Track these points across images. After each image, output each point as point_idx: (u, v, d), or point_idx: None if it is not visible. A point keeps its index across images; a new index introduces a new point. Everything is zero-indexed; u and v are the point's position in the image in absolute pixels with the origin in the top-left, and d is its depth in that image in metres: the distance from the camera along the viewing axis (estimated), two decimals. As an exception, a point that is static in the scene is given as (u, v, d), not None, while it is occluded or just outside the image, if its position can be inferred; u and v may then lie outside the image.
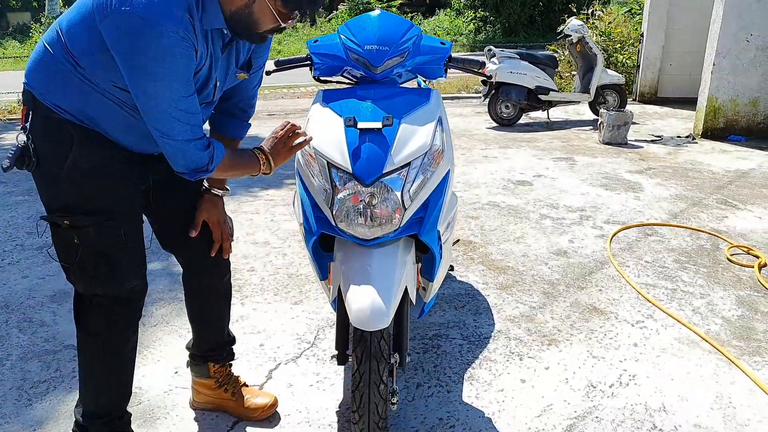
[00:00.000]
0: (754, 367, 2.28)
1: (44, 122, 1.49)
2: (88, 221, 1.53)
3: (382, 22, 1.95)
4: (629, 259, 3.30)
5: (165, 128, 1.42)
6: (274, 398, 2.04)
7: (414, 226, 1.77)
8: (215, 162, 1.53)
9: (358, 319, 1.59)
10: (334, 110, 1.84)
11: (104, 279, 1.58)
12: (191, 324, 1.99)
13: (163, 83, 1.37)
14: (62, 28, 1.46)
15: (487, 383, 2.20)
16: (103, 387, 1.68)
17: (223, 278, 1.92)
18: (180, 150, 1.46)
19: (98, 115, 1.49)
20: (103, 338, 1.64)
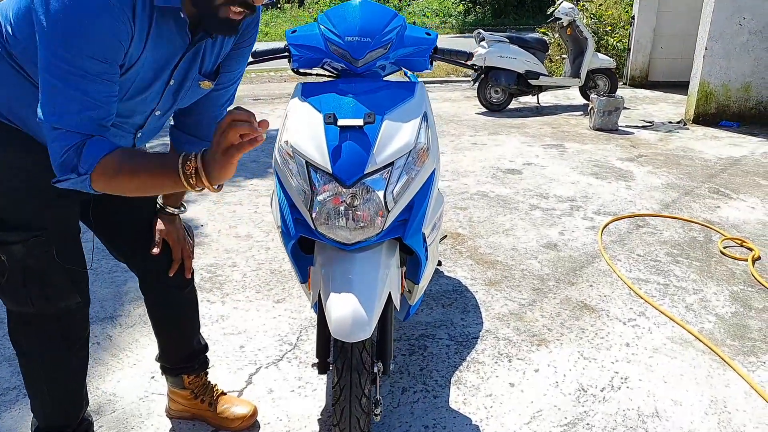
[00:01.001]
0: (749, 369, 2.23)
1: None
2: (15, 237, 1.37)
3: (364, 11, 1.83)
4: (620, 253, 3.23)
5: (47, 104, 1.16)
6: (254, 407, 1.96)
7: (398, 230, 1.68)
8: (85, 163, 1.18)
9: (339, 330, 1.49)
10: (314, 105, 1.73)
11: (35, 298, 1.43)
12: (156, 337, 1.87)
13: (68, 49, 1.13)
14: (1, 15, 1.28)
15: (475, 387, 2.13)
16: (50, 404, 1.58)
17: (184, 290, 1.79)
18: (54, 142, 1.19)
19: (27, 111, 1.30)
20: (38, 356, 1.52)
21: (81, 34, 1.12)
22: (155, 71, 1.33)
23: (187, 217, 3.79)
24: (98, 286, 2.84)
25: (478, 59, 6.76)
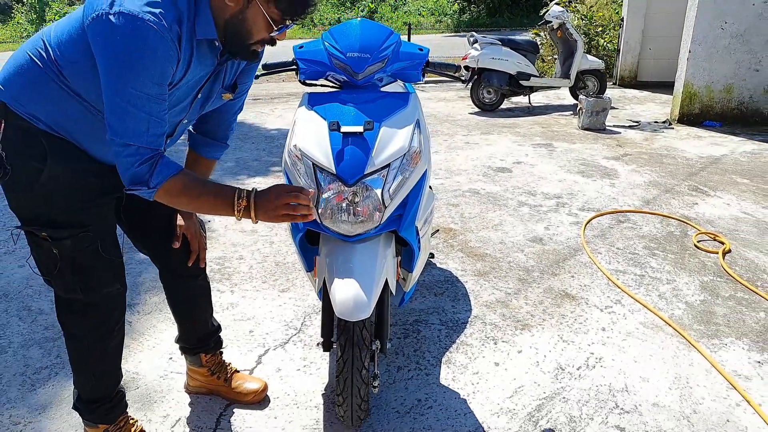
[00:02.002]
0: (712, 350, 2.46)
1: (18, 133, 1.51)
2: (65, 233, 1.57)
3: (364, 30, 2.05)
4: (602, 246, 3.46)
5: (116, 124, 1.39)
6: (265, 383, 2.18)
7: (394, 223, 1.90)
8: (156, 178, 1.44)
9: (342, 310, 1.72)
10: (319, 114, 1.95)
11: (82, 287, 1.63)
12: (176, 320, 2.09)
13: (136, 80, 1.36)
14: (49, 39, 1.49)
15: (463, 366, 2.36)
16: (93, 379, 1.79)
17: (198, 278, 2.00)
18: (126, 155, 1.42)
19: (74, 125, 1.52)
20: (85, 338, 1.72)
21: (143, 63, 1.35)
22: (190, 88, 1.56)
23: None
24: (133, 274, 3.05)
25: (471, 61, 6.99)
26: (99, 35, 1.35)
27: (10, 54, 1.60)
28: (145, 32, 1.33)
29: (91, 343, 1.73)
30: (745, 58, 6.31)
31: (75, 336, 1.73)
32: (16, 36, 20.16)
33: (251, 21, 1.48)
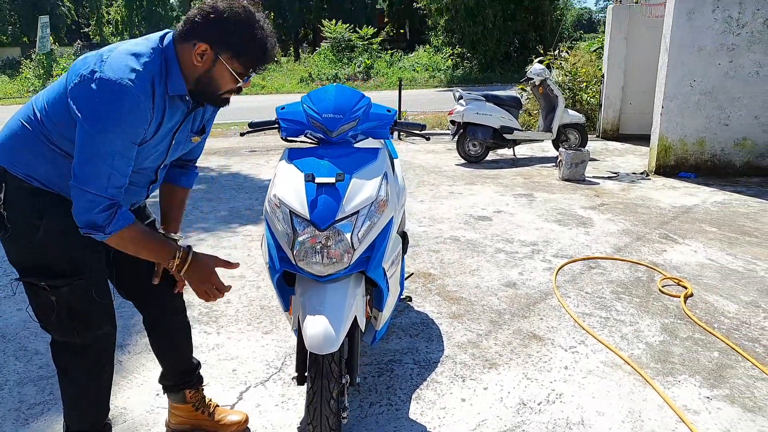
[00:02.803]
0: (666, 386, 2.62)
1: (17, 192, 1.68)
2: (62, 282, 1.72)
3: (338, 94, 2.31)
4: (571, 291, 3.65)
5: (83, 173, 1.57)
6: (246, 416, 2.33)
7: (362, 264, 2.11)
8: (113, 226, 1.62)
9: (312, 344, 1.90)
10: (297, 167, 2.18)
11: (78, 330, 1.79)
12: (160, 361, 2.23)
13: (108, 135, 1.55)
14: (37, 106, 1.71)
15: (432, 402, 2.52)
16: (85, 413, 1.93)
17: (179, 315, 2.17)
18: (82, 200, 1.59)
19: (66, 181, 1.66)
20: (80, 376, 1.87)
21: (116, 123, 1.57)
22: (165, 136, 1.79)
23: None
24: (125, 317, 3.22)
25: (457, 116, 7.34)
26: (80, 97, 1.57)
27: (17, 108, 1.81)
28: (121, 96, 1.55)
29: (85, 381, 1.89)
30: (714, 114, 6.65)
31: (70, 374, 1.88)
32: (23, 90, 20.74)
33: (219, 76, 1.72)
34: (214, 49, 1.67)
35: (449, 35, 23.30)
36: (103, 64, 1.58)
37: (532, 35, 22.93)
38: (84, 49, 29.47)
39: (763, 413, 2.42)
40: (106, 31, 41.10)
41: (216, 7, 1.65)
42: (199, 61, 1.68)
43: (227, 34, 1.66)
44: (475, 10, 21.78)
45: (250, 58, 1.71)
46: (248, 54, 1.70)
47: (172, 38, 1.71)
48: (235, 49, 1.68)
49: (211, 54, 1.68)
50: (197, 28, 1.67)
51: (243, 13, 1.67)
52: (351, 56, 24.29)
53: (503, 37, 22.78)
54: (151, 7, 38.28)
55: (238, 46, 1.68)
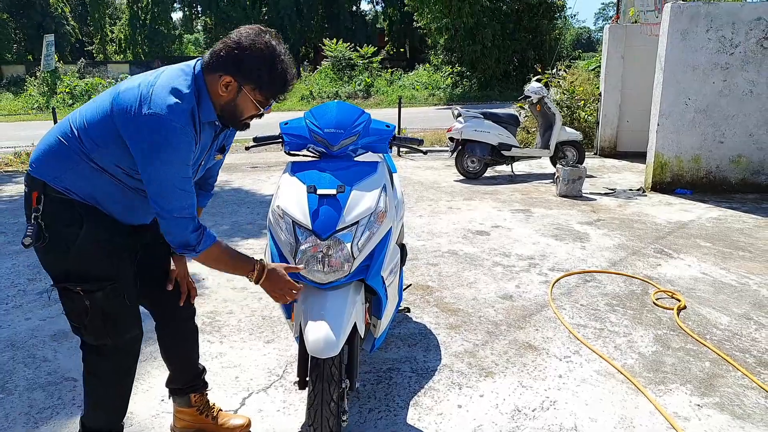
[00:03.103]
0: (657, 394, 2.69)
1: (56, 205, 1.82)
2: (97, 286, 1.84)
3: (339, 110, 2.42)
4: (566, 303, 3.73)
5: (166, 205, 1.78)
6: (248, 419, 2.41)
7: (362, 272, 2.19)
8: (203, 245, 1.85)
9: (313, 348, 1.98)
10: (300, 179, 2.28)
11: (111, 332, 1.91)
12: (168, 365, 2.33)
13: (171, 167, 1.75)
14: (76, 123, 1.84)
15: (429, 408, 2.59)
16: (106, 412, 2.04)
17: (188, 321, 2.29)
18: (175, 227, 1.80)
19: (103, 196, 1.86)
20: (107, 378, 1.99)
21: (175, 155, 1.74)
22: (199, 157, 1.94)
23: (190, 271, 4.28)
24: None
25: (456, 133, 7.47)
26: (133, 131, 1.73)
27: (22, 125, 1.93)
28: (172, 130, 1.72)
29: (113, 382, 2.00)
30: (709, 131, 6.77)
31: (98, 375, 1.98)
32: (27, 107, 20.95)
33: (242, 105, 1.88)
34: (237, 81, 1.81)
35: (449, 54, 23.56)
36: (150, 101, 1.73)
37: (531, 54, 23.20)
38: (88, 67, 29.82)
39: (752, 420, 2.49)
40: (109, 49, 41.50)
41: (240, 42, 1.79)
42: (224, 91, 1.82)
43: (250, 68, 1.80)
44: (475, 29, 22.06)
45: (271, 89, 1.85)
46: (269, 86, 1.84)
47: (201, 67, 1.86)
48: (257, 82, 1.82)
49: (235, 85, 1.82)
50: (222, 61, 1.80)
51: (265, 48, 1.80)
52: (351, 75, 24.54)
53: (502, 56, 23.05)
54: (154, 26, 38.69)
55: (260, 80, 1.82)
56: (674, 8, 6.60)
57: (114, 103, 1.78)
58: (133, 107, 1.73)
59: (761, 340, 3.21)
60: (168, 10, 39.62)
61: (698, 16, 6.56)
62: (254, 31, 1.82)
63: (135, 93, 1.76)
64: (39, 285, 4.01)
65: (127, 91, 1.79)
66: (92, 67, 31.52)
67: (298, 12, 36.89)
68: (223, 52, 1.80)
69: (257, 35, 1.81)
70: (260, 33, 1.82)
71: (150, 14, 38.38)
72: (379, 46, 33.13)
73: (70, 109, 19.75)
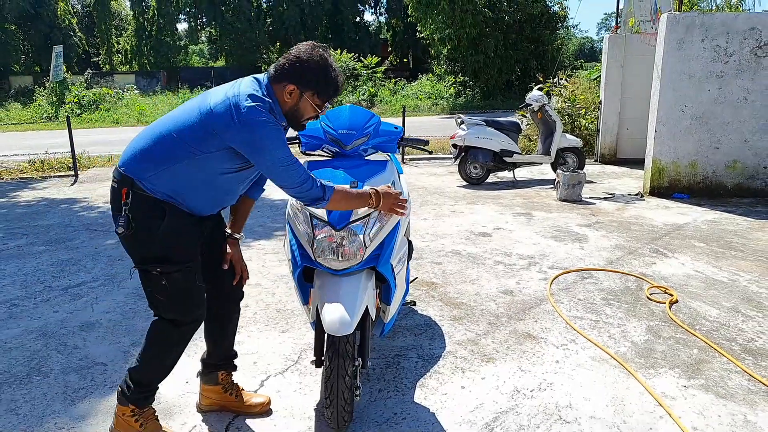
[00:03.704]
0: (647, 377, 2.89)
1: (142, 200, 2.11)
2: (175, 268, 2.15)
3: (352, 113, 2.65)
4: (564, 298, 3.93)
5: (288, 180, 2.10)
6: (269, 398, 2.62)
7: (373, 260, 2.41)
8: (328, 195, 2.16)
9: (330, 327, 2.19)
10: (316, 176, 2.49)
11: (183, 308, 2.22)
12: (209, 342, 2.56)
13: (278, 151, 2.05)
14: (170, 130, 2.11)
15: (434, 389, 2.79)
16: (154, 371, 2.30)
17: (238, 303, 2.56)
18: (300, 192, 2.12)
19: (189, 192, 2.15)
20: (171, 345, 2.27)
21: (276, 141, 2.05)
22: None
23: (206, 269, 4.51)
24: (144, 318, 3.52)
25: (459, 140, 7.69)
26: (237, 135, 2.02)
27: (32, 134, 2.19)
28: (265, 124, 2.04)
29: (172, 350, 2.29)
30: (705, 137, 6.97)
31: (164, 342, 2.27)
32: (36, 117, 21.29)
33: (303, 108, 2.21)
34: (300, 89, 2.15)
35: (452, 64, 23.86)
36: (241, 108, 2.02)
37: (534, 64, 23.48)
38: (95, 77, 30.22)
39: (735, 399, 2.68)
40: (115, 60, 42.01)
41: (300, 56, 2.14)
42: (288, 98, 2.16)
43: (309, 77, 2.14)
44: (477, 39, 22.36)
45: (327, 94, 2.19)
46: (326, 91, 2.18)
47: (268, 79, 2.17)
48: (316, 89, 2.16)
49: (297, 92, 2.15)
50: (286, 72, 2.14)
51: (320, 59, 2.15)
52: (355, 84, 24.86)
53: (505, 66, 23.33)
54: (160, 37, 39.15)
55: (318, 86, 2.16)
56: (670, 18, 6.83)
57: (209, 117, 2.06)
58: (232, 116, 2.02)
59: (747, 330, 3.40)
60: (173, 21, 40.09)
61: (694, 26, 6.79)
62: (310, 46, 2.17)
63: (226, 105, 2.05)
64: (63, 282, 4.23)
65: (219, 105, 2.06)
66: (99, 77, 32.00)
67: (303, 23, 37.36)
68: (286, 65, 2.14)
69: (313, 49, 2.16)
70: (315, 47, 2.17)
71: (155, 25, 38.86)
72: (383, 56, 33.52)
73: (80, 118, 20.09)
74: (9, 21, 34.50)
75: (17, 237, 5.60)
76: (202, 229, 2.28)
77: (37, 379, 2.88)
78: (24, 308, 3.78)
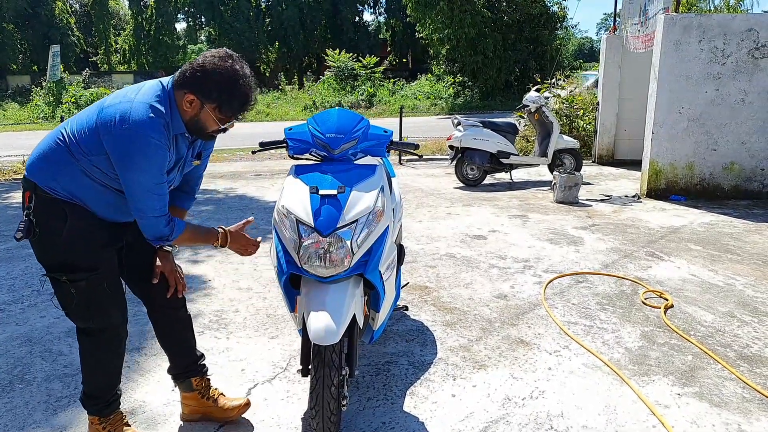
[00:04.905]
0: (641, 384, 2.84)
1: (44, 203, 2.04)
2: (81, 276, 2.07)
3: (340, 116, 2.60)
4: (559, 302, 3.88)
5: (142, 206, 2.02)
6: (247, 400, 2.57)
7: (361, 267, 2.36)
8: (175, 234, 2.11)
9: (316, 336, 2.14)
10: (303, 180, 2.45)
11: (94, 317, 2.16)
12: (165, 351, 2.51)
13: (146, 174, 1.97)
14: (69, 131, 2.06)
15: (425, 397, 2.74)
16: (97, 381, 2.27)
17: (179, 310, 2.46)
18: (150, 224, 2.06)
19: (87, 195, 2.06)
20: (95, 354, 2.23)
21: (150, 164, 1.97)
22: (176, 163, 2.16)
23: (196, 273, 4.46)
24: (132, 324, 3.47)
25: (455, 141, 7.65)
26: (112, 143, 1.97)
27: (28, 134, 2.16)
28: (146, 143, 1.95)
29: (99, 358, 2.24)
30: (702, 139, 6.93)
31: (88, 352, 2.23)
32: (33, 117, 21.21)
33: (204, 120, 2.11)
34: (200, 99, 2.03)
35: (450, 64, 23.78)
36: (128, 117, 1.95)
37: (532, 64, 23.41)
38: (92, 77, 30.15)
39: (729, 408, 2.64)
40: (114, 59, 41.85)
41: (204, 65, 2.02)
42: (188, 107, 2.05)
43: (211, 89, 2.02)
44: (476, 40, 22.28)
45: (230, 109, 2.08)
46: (229, 107, 2.06)
47: (172, 84, 2.07)
48: (218, 102, 2.04)
49: (198, 103, 2.04)
50: (187, 80, 2.03)
51: (227, 72, 2.01)
52: (354, 84, 24.79)
53: (504, 66, 23.25)
54: (158, 37, 39.02)
55: (220, 100, 2.04)
56: (667, 20, 6.79)
57: (99, 117, 2.01)
58: (114, 121, 1.95)
59: (743, 336, 3.36)
60: (172, 21, 39.94)
61: (691, 28, 6.74)
62: (219, 55, 2.04)
63: (116, 108, 1.99)
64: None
65: (110, 107, 2.01)
66: (97, 77, 31.91)
67: (302, 23, 37.26)
68: (188, 72, 2.03)
69: (221, 59, 2.03)
70: (224, 57, 2.04)
71: (154, 25, 38.73)
72: (382, 56, 33.43)
73: (76, 118, 19.98)
74: (6, 20, 34.39)
75: (7, 240, 5.55)
76: (117, 235, 2.20)
77: (20, 387, 2.83)
78: (10, 313, 3.73)
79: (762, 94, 6.77)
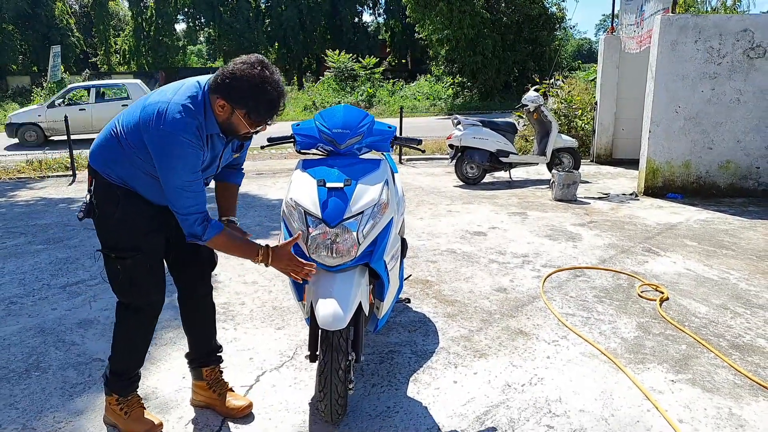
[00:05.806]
0: (636, 372, 2.94)
1: (103, 187, 2.25)
2: (127, 255, 2.25)
3: (346, 112, 2.70)
4: (557, 295, 3.98)
5: (174, 202, 2.14)
6: (250, 402, 2.63)
7: (366, 257, 2.46)
8: (207, 235, 2.17)
9: (324, 321, 2.24)
10: (310, 174, 2.55)
11: (135, 294, 2.32)
12: (187, 335, 2.64)
13: (178, 173, 2.09)
14: (121, 123, 2.22)
15: (427, 384, 2.84)
16: (126, 358, 2.41)
17: (207, 296, 2.61)
18: (183, 220, 2.16)
19: (137, 182, 2.24)
20: (130, 331, 2.37)
21: (182, 163, 2.09)
22: (213, 159, 2.29)
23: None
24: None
25: (455, 140, 7.75)
26: (150, 141, 2.11)
27: None
28: (179, 143, 2.07)
29: (133, 335, 2.38)
30: (699, 138, 7.04)
31: (123, 327, 2.38)
32: (33, 116, 21.26)
33: (236, 124, 2.20)
34: (230, 105, 2.12)
35: (450, 65, 23.90)
36: (164, 117, 2.07)
37: (531, 65, 23.53)
38: (92, 77, 30.21)
39: (720, 393, 2.74)
40: (113, 60, 41.93)
41: (234, 72, 2.09)
42: (220, 111, 2.15)
43: (241, 96, 2.10)
44: (475, 40, 22.40)
45: (259, 115, 2.15)
46: (257, 113, 2.14)
47: (207, 88, 2.18)
48: (247, 108, 2.12)
49: (228, 108, 2.14)
50: (219, 86, 2.12)
51: (254, 80, 2.08)
52: (354, 85, 24.88)
53: (503, 67, 23.38)
54: (158, 38, 39.10)
55: (249, 106, 2.12)
56: (664, 20, 6.89)
57: (141, 113, 2.15)
58: (152, 120, 2.09)
59: (735, 326, 3.46)
60: (172, 22, 40.02)
61: (687, 28, 6.85)
62: (250, 62, 2.10)
63: (155, 107, 2.11)
64: (61, 280, 4.28)
65: (151, 105, 2.14)
66: (97, 78, 31.95)
67: (301, 23, 37.36)
68: (219, 78, 2.12)
69: (251, 66, 2.09)
70: (254, 64, 2.10)
71: (154, 26, 38.82)
72: (381, 56, 33.54)
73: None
74: (6, 21, 34.47)
75: (16, 236, 5.65)
76: (166, 221, 2.31)
77: (36, 374, 2.93)
78: (23, 306, 3.83)
79: (757, 93, 6.88)
